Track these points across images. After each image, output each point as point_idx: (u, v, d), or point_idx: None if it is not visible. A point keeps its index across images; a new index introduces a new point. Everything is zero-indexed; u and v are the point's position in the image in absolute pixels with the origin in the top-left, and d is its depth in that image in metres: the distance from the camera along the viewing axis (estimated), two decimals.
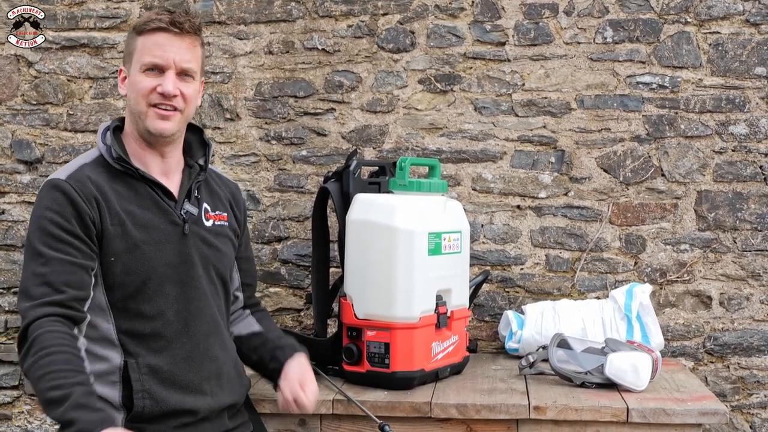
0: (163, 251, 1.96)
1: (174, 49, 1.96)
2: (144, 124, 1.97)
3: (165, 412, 1.93)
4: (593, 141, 2.96)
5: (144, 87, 1.95)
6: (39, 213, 1.90)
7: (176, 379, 1.96)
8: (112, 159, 1.97)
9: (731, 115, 2.92)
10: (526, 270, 3.00)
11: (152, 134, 1.98)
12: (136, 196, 1.96)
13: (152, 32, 1.96)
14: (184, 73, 1.99)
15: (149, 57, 1.95)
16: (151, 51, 1.95)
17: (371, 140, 3.03)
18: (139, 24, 1.99)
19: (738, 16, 2.91)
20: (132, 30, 2.01)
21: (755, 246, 2.92)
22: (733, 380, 2.94)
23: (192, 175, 2.08)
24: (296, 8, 3.05)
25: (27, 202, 3.14)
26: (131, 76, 1.99)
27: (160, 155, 2.03)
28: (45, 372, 1.74)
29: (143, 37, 1.97)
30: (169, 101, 1.96)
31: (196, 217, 2.05)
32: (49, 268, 1.85)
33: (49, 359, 1.75)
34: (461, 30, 3.00)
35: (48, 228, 1.87)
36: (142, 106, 1.96)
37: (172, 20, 1.95)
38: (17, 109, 3.14)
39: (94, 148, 2.02)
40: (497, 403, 2.26)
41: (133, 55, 1.98)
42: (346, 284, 2.48)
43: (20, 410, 3.17)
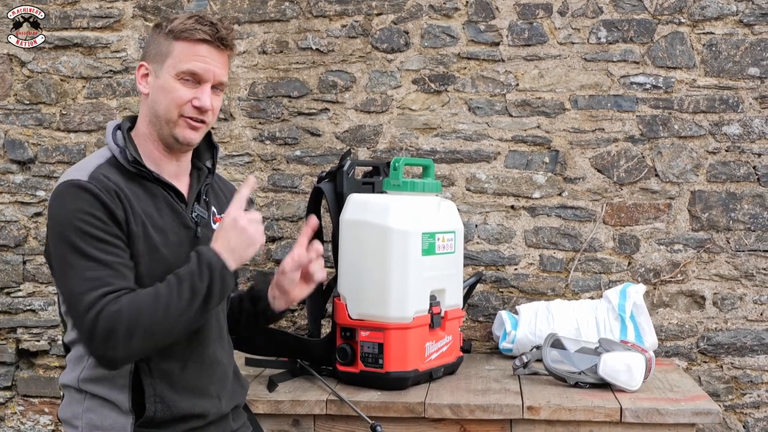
0: (178, 255, 1.93)
1: (214, 62, 1.94)
2: (172, 131, 1.94)
3: (175, 416, 1.92)
4: (587, 141, 2.97)
5: (180, 96, 1.92)
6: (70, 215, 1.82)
7: (187, 383, 1.94)
8: (126, 161, 1.93)
9: (725, 115, 2.93)
10: (519, 270, 3.00)
11: (178, 142, 1.96)
12: (152, 198, 1.94)
13: (195, 42, 1.92)
14: (217, 87, 1.97)
15: (190, 65, 1.92)
16: (191, 60, 1.92)
17: (365, 140, 3.03)
18: (177, 28, 1.92)
19: (731, 17, 2.92)
20: (165, 30, 1.94)
21: (748, 246, 2.93)
22: (726, 380, 2.94)
23: (201, 178, 2.07)
24: (290, 8, 3.05)
25: (20, 202, 3.13)
26: (162, 80, 1.93)
27: (174, 159, 2.01)
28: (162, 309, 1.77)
29: (182, 43, 1.92)
30: (201, 114, 1.95)
31: (206, 220, 2.04)
32: (102, 271, 1.80)
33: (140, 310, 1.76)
34: (455, 30, 3.00)
35: (87, 229, 1.81)
36: (173, 114, 1.93)
37: (219, 36, 1.94)
38: (10, 108, 3.13)
39: (104, 149, 1.97)
40: (491, 404, 2.26)
41: (166, 58, 1.92)
42: (339, 284, 2.48)
43: (13, 411, 3.16)
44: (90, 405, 1.90)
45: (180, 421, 1.93)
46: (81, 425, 1.90)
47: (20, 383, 3.16)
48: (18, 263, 3.14)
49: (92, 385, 1.90)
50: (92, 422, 1.89)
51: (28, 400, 3.16)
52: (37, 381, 3.16)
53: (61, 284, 1.85)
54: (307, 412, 2.30)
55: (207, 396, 1.98)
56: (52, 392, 3.14)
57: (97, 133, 3.11)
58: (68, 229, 1.81)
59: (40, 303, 3.14)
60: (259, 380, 2.48)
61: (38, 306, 3.14)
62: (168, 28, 1.94)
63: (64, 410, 1.95)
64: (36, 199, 3.13)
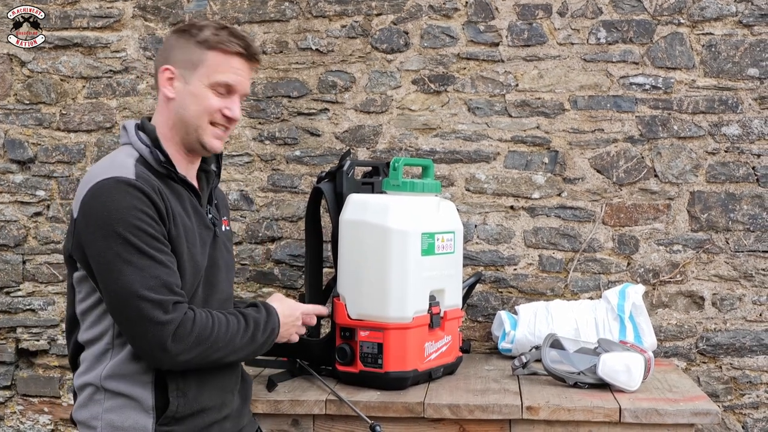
0: (203, 254, 1.99)
1: (245, 75, 2.03)
2: (199, 137, 1.99)
3: (195, 411, 1.94)
4: (586, 142, 2.97)
5: (212, 105, 1.98)
6: (124, 211, 1.82)
7: (207, 378, 1.98)
8: (155, 162, 1.95)
9: (724, 116, 2.93)
10: (519, 270, 3.00)
11: (204, 149, 2.02)
12: (179, 199, 1.97)
13: (229, 54, 1.98)
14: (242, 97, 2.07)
15: (224, 77, 1.98)
16: (225, 72, 1.98)
17: (365, 140, 3.03)
18: (213, 39, 1.97)
19: (731, 18, 2.92)
20: (199, 39, 1.98)
21: (748, 247, 2.93)
22: (725, 380, 2.95)
23: (210, 180, 2.12)
24: (290, 8, 3.05)
25: (19, 202, 3.13)
26: (193, 87, 1.98)
27: (191, 162, 2.06)
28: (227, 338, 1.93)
29: (216, 54, 1.98)
30: (229, 123, 2.02)
31: (218, 222, 2.11)
32: (161, 270, 1.83)
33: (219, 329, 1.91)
34: (455, 30, 3.00)
35: (142, 226, 1.83)
36: (204, 121, 1.99)
37: (252, 51, 2.02)
38: (10, 108, 3.13)
39: (127, 148, 1.98)
40: (490, 404, 2.27)
41: (198, 67, 1.97)
42: (339, 284, 2.48)
43: (12, 410, 3.16)
44: (111, 405, 1.90)
45: (200, 415, 1.96)
46: (100, 426, 1.90)
47: (20, 383, 3.16)
48: (18, 263, 3.14)
49: (116, 383, 1.90)
50: (113, 423, 1.89)
51: (28, 400, 3.16)
52: (36, 380, 3.16)
53: (110, 282, 1.83)
54: (306, 412, 2.30)
55: (224, 390, 2.03)
56: (52, 392, 3.14)
57: (97, 133, 3.11)
58: (122, 226, 1.81)
59: (40, 303, 3.14)
60: (259, 380, 2.48)
61: (38, 306, 3.14)
62: (201, 37, 1.98)
63: (80, 411, 1.95)
64: (36, 198, 3.13)
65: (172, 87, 1.99)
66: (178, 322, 1.82)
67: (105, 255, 1.82)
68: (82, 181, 1.92)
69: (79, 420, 1.96)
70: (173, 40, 2.02)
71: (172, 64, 2.00)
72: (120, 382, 1.90)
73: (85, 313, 1.94)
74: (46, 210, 3.14)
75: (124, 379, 1.90)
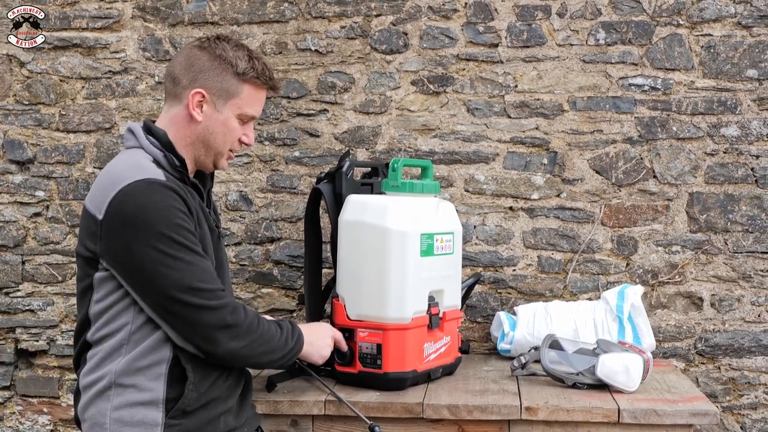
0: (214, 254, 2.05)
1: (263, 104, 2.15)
2: (216, 161, 2.10)
3: (203, 403, 1.96)
4: (585, 143, 2.97)
5: (236, 135, 2.09)
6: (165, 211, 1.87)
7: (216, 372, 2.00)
8: (170, 166, 2.00)
9: (723, 117, 2.93)
10: (518, 271, 3.01)
11: (215, 168, 2.13)
12: (192, 200, 2.01)
13: (259, 87, 2.08)
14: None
15: (252, 110, 2.09)
16: (254, 105, 2.09)
17: (364, 141, 3.03)
18: (250, 72, 2.04)
19: (730, 19, 2.93)
20: (233, 71, 2.02)
21: (746, 248, 2.94)
22: (724, 381, 2.95)
23: (206, 184, 2.17)
24: (289, 9, 3.05)
25: (19, 203, 3.13)
26: (224, 116, 2.05)
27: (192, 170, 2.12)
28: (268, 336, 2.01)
29: (249, 86, 2.06)
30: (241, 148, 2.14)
31: (219, 223, 2.17)
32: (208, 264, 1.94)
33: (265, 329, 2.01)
34: (454, 31, 3.00)
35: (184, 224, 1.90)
36: (225, 149, 2.09)
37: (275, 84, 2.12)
38: (9, 109, 3.13)
39: (138, 151, 2.00)
40: (489, 404, 2.27)
41: (233, 97, 2.04)
42: (338, 285, 2.48)
43: (12, 411, 3.16)
44: (121, 401, 1.91)
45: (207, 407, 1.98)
46: (109, 422, 1.90)
47: (19, 383, 3.16)
48: (17, 263, 3.14)
49: (130, 377, 1.91)
50: (122, 419, 1.90)
51: (27, 400, 3.16)
52: (35, 381, 3.16)
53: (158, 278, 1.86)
54: (305, 412, 2.31)
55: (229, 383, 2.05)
56: (51, 392, 3.14)
57: (96, 134, 3.11)
58: (164, 225, 1.87)
59: (39, 303, 3.14)
60: (258, 380, 2.48)
61: (37, 306, 3.14)
62: (239, 68, 2.03)
63: (87, 409, 1.95)
64: (35, 199, 3.13)
65: (201, 111, 2.03)
66: (232, 307, 1.93)
67: (150, 255, 1.86)
68: (102, 183, 1.93)
69: (85, 418, 1.95)
70: (206, 62, 2.03)
71: (205, 88, 2.02)
72: (134, 376, 1.92)
73: (101, 312, 1.96)
74: (45, 210, 3.14)
75: (138, 374, 1.92)
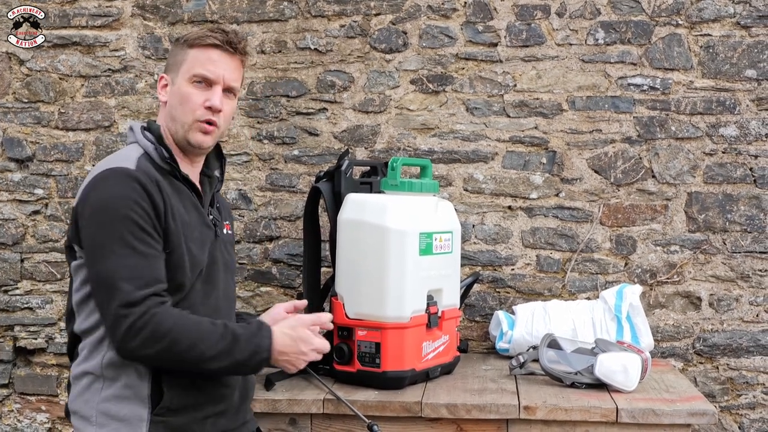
0: (201, 252, 2.02)
1: (224, 66, 2.04)
2: (186, 135, 2.03)
3: (191, 404, 1.95)
4: (584, 142, 2.97)
5: (194, 101, 2.02)
6: (119, 201, 1.88)
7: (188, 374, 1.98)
8: (160, 159, 2.01)
9: (721, 117, 2.94)
10: (516, 270, 3.01)
11: (191, 145, 2.04)
12: (180, 196, 2.01)
13: (206, 47, 2.03)
14: (229, 91, 2.06)
15: (200, 69, 2.02)
16: (203, 64, 2.02)
17: (363, 140, 3.04)
18: (191, 37, 2.05)
19: (729, 19, 2.93)
20: (181, 42, 2.06)
21: (745, 247, 2.94)
22: (722, 381, 2.95)
23: (212, 185, 2.16)
24: (289, 8, 3.05)
25: (18, 200, 3.13)
26: (178, 86, 2.04)
27: (190, 162, 2.09)
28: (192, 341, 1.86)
29: (195, 50, 2.03)
30: (213, 116, 2.03)
31: (220, 224, 2.14)
32: (141, 261, 1.87)
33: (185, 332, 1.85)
34: (453, 31, 3.00)
35: (134, 218, 1.88)
36: (188, 118, 2.02)
37: (228, 40, 2.03)
38: (8, 107, 3.13)
39: (133, 146, 2.04)
40: (487, 403, 2.27)
41: (180, 66, 2.04)
42: (337, 284, 2.48)
43: (10, 409, 3.17)
44: (108, 394, 1.92)
45: (194, 408, 1.96)
46: (95, 414, 1.91)
47: (17, 381, 3.16)
48: (16, 261, 3.14)
49: (115, 371, 1.92)
50: (108, 412, 1.91)
51: (25, 398, 3.16)
52: (34, 379, 3.16)
53: (93, 265, 1.89)
54: (304, 411, 2.31)
55: (221, 385, 2.02)
56: (49, 390, 3.14)
57: (96, 132, 3.11)
58: (115, 215, 1.87)
59: (38, 301, 3.14)
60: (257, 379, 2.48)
61: (36, 304, 3.14)
62: (184, 38, 2.07)
63: (76, 401, 1.96)
64: (34, 197, 3.13)
65: (165, 92, 2.07)
66: (137, 316, 1.83)
67: (94, 240, 1.89)
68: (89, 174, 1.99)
69: (73, 410, 1.97)
70: (171, 50, 2.13)
71: (165, 71, 2.10)
72: (119, 370, 1.92)
73: (81, 302, 1.97)
74: (44, 208, 3.14)
75: (123, 368, 1.92)
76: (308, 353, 1.98)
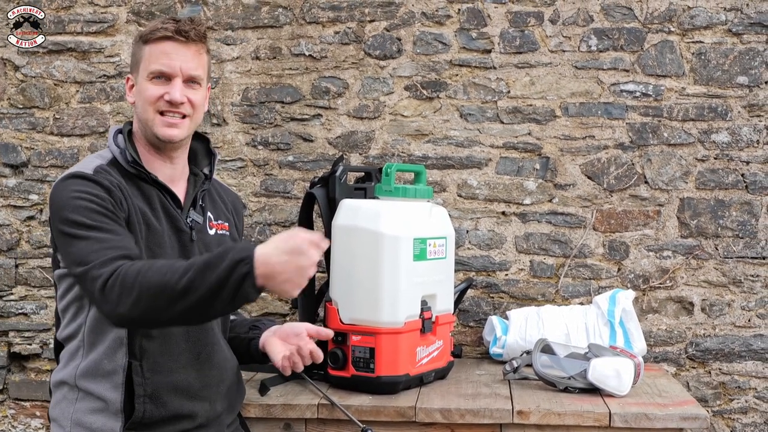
0: (171, 257, 1.98)
1: (180, 57, 1.99)
2: (152, 130, 2.00)
3: (164, 417, 1.94)
4: (577, 148, 2.99)
5: (151, 95, 1.98)
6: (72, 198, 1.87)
7: (178, 384, 1.97)
8: (126, 162, 1.99)
9: (713, 123, 2.96)
10: (510, 276, 3.02)
11: (160, 140, 2.00)
12: (147, 200, 1.99)
13: (158, 41, 1.98)
14: (191, 80, 2.02)
15: (156, 65, 1.98)
16: (157, 59, 1.98)
17: (357, 146, 3.05)
18: (145, 33, 2.01)
19: (720, 26, 2.95)
20: (138, 39, 2.03)
21: (737, 253, 2.96)
22: (714, 386, 2.97)
23: (197, 184, 2.12)
24: (283, 14, 3.06)
25: (12, 206, 3.13)
26: (138, 84, 2.02)
27: (168, 160, 2.06)
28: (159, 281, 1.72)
29: (149, 46, 1.99)
30: (177, 108, 1.99)
31: (201, 225, 2.09)
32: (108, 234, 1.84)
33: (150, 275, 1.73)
34: (447, 37, 3.02)
35: (89, 206, 1.86)
36: (150, 113, 1.99)
37: (178, 29, 1.98)
38: (3, 112, 3.13)
39: (104, 150, 2.04)
40: (481, 408, 2.28)
41: (139, 64, 2.01)
42: (331, 289, 2.49)
43: (4, 414, 3.16)
44: (81, 406, 1.92)
45: (169, 422, 1.95)
46: (69, 425, 1.92)
47: (11, 387, 3.16)
48: (10, 267, 3.14)
49: (88, 382, 1.92)
50: (81, 423, 1.91)
51: (20, 404, 3.16)
52: (28, 384, 3.16)
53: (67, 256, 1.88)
54: (298, 416, 2.31)
55: (198, 398, 2.00)
56: (44, 395, 3.14)
57: (90, 138, 3.11)
58: (69, 209, 1.86)
59: (32, 306, 3.14)
60: (251, 384, 2.48)
61: (30, 309, 3.14)
62: (139, 35, 2.03)
63: (54, 409, 1.98)
64: (29, 203, 3.13)
65: (132, 93, 2.06)
66: (107, 275, 1.76)
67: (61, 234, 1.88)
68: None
69: (52, 417, 1.98)
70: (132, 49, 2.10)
71: (130, 71, 2.08)
72: (92, 381, 1.92)
73: (64, 310, 1.98)
74: (39, 214, 3.14)
75: (96, 379, 1.91)
76: (308, 267, 1.72)
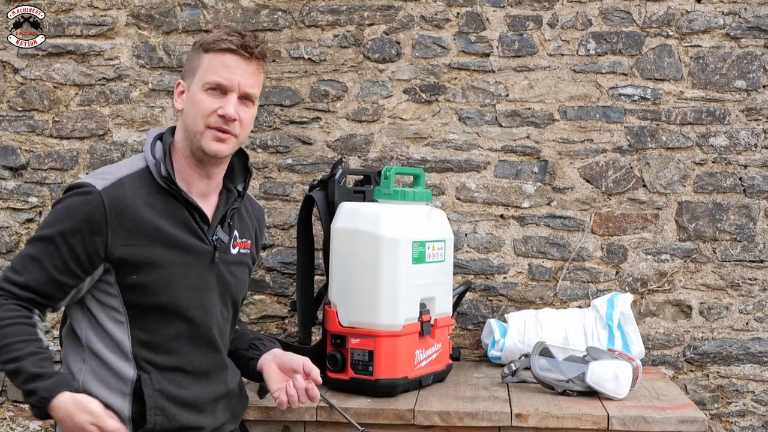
0: (187, 275, 1.95)
1: (240, 72, 1.94)
2: (199, 143, 1.94)
3: (173, 429, 1.94)
4: (576, 151, 2.99)
5: (205, 107, 1.93)
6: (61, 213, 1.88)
7: (186, 398, 1.96)
8: (159, 176, 1.93)
9: (711, 127, 2.96)
10: (509, 279, 3.02)
11: (206, 154, 1.95)
12: (172, 216, 1.94)
13: (221, 52, 1.93)
14: (246, 98, 1.97)
15: (215, 76, 1.93)
16: (217, 71, 1.93)
17: (356, 149, 3.05)
18: (207, 41, 1.95)
19: (719, 30, 2.96)
20: (198, 46, 1.97)
21: (735, 256, 2.96)
22: (712, 389, 2.97)
23: (229, 201, 2.05)
24: (283, 18, 3.07)
25: (12, 209, 3.14)
26: (191, 92, 1.95)
27: (206, 175, 2.00)
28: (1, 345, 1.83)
29: (210, 55, 1.94)
30: (228, 125, 1.93)
31: (225, 245, 2.03)
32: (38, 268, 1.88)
33: (3, 332, 1.84)
34: (446, 41, 3.03)
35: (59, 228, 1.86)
36: (200, 126, 1.93)
37: (243, 44, 1.93)
38: (2, 115, 3.13)
39: (139, 157, 1.98)
40: (480, 411, 2.28)
41: (196, 72, 1.95)
42: (330, 292, 2.49)
43: (3, 416, 3.16)
44: None
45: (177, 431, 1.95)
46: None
47: (10, 389, 3.15)
48: None
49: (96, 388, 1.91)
50: None
51: (18, 406, 3.16)
52: None
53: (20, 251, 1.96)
54: (297, 418, 2.31)
55: (204, 411, 2.01)
56: None
57: (90, 140, 3.12)
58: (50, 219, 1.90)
59: None
60: (250, 387, 2.48)
61: None
62: (200, 42, 1.97)
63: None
64: (28, 205, 3.13)
65: (181, 99, 1.99)
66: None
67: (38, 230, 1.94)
68: None
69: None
70: (188, 54, 2.05)
71: (182, 77, 2.01)
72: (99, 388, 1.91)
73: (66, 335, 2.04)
74: (38, 216, 3.14)
75: (103, 387, 1.91)
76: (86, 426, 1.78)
